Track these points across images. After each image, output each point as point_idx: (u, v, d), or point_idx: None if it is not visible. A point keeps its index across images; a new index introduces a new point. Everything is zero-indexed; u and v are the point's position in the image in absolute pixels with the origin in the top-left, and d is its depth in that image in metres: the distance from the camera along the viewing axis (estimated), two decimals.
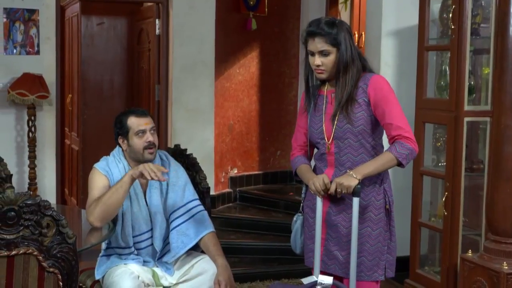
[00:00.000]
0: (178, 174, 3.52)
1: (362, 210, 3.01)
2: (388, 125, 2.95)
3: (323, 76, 3.03)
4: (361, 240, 3.01)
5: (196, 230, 3.45)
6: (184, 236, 3.43)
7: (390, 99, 2.96)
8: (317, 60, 3.00)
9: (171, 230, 3.44)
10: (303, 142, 3.21)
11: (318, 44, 2.98)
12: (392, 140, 2.95)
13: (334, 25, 2.97)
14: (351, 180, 2.89)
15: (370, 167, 2.93)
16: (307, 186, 3.13)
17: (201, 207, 3.53)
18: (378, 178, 3.03)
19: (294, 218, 3.26)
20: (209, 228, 3.47)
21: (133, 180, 3.22)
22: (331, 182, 2.95)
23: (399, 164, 2.93)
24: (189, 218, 3.45)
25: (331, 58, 2.98)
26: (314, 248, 3.08)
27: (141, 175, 3.18)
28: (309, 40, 3.01)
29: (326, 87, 3.11)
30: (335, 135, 3.02)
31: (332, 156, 3.05)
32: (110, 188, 3.26)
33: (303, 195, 3.22)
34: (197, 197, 3.56)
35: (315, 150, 3.22)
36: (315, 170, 3.14)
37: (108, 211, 3.19)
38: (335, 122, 3.01)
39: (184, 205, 3.47)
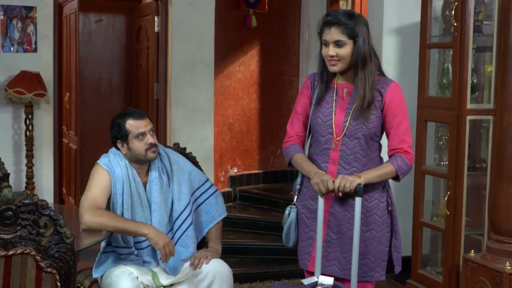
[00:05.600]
0: (180, 165, 3.50)
1: (367, 213, 3.00)
2: (393, 135, 2.98)
3: (336, 68, 2.97)
4: (366, 242, 3.00)
5: (201, 227, 3.53)
6: (192, 238, 3.44)
7: (402, 110, 2.99)
8: (331, 51, 2.94)
9: (182, 234, 3.42)
10: (300, 131, 3.13)
11: (334, 34, 2.92)
12: (393, 151, 2.98)
13: (353, 17, 2.94)
14: (356, 177, 2.89)
15: (373, 174, 2.95)
16: (302, 176, 3.09)
17: (210, 191, 3.56)
18: (381, 181, 3.02)
19: (286, 211, 3.15)
20: (216, 219, 3.55)
21: (143, 236, 3.23)
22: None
23: (396, 177, 2.98)
24: (193, 217, 3.47)
25: (347, 49, 2.92)
26: (313, 249, 3.04)
27: (155, 245, 3.18)
28: (325, 29, 2.95)
29: (336, 80, 3.05)
30: (347, 132, 2.97)
31: (337, 153, 2.99)
32: (125, 219, 3.25)
33: (298, 187, 3.14)
34: (206, 178, 3.59)
35: (309, 141, 3.14)
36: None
37: (101, 228, 3.18)
38: (349, 119, 2.97)
39: (187, 205, 3.44)
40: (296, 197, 3.17)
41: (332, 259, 3.04)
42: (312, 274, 3.03)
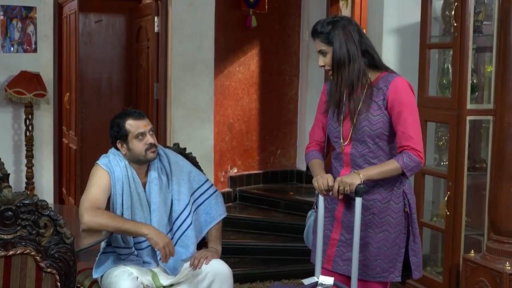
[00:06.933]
0: (179, 165, 3.50)
1: (380, 214, 2.99)
2: (400, 133, 2.92)
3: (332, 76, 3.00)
4: (379, 244, 2.99)
5: (201, 228, 3.51)
6: (192, 238, 3.44)
7: (408, 105, 2.92)
8: (320, 61, 2.98)
9: (182, 234, 3.43)
10: (320, 137, 3.17)
11: (317, 44, 2.98)
12: (401, 148, 2.93)
13: (331, 23, 2.94)
14: (354, 178, 2.87)
15: (374, 170, 2.92)
16: None
17: (210, 191, 3.55)
18: (396, 181, 2.99)
19: (308, 214, 3.23)
20: (215, 219, 3.54)
21: (143, 236, 3.22)
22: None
23: (403, 174, 2.93)
24: (193, 217, 3.46)
25: (329, 57, 2.95)
26: (328, 247, 3.05)
27: (155, 245, 3.17)
28: (314, 41, 3.00)
29: None
30: (353, 136, 2.97)
31: (348, 156, 3.00)
32: (125, 219, 3.24)
33: (316, 191, 3.14)
34: (206, 178, 3.59)
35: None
36: (331, 169, 3.09)
37: (101, 228, 3.17)
38: (354, 123, 2.96)
39: (187, 206, 3.44)
40: (316, 200, 3.19)
41: (346, 258, 3.03)
42: (327, 271, 3.04)
